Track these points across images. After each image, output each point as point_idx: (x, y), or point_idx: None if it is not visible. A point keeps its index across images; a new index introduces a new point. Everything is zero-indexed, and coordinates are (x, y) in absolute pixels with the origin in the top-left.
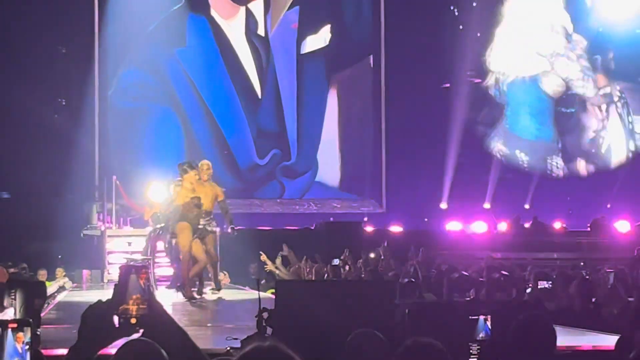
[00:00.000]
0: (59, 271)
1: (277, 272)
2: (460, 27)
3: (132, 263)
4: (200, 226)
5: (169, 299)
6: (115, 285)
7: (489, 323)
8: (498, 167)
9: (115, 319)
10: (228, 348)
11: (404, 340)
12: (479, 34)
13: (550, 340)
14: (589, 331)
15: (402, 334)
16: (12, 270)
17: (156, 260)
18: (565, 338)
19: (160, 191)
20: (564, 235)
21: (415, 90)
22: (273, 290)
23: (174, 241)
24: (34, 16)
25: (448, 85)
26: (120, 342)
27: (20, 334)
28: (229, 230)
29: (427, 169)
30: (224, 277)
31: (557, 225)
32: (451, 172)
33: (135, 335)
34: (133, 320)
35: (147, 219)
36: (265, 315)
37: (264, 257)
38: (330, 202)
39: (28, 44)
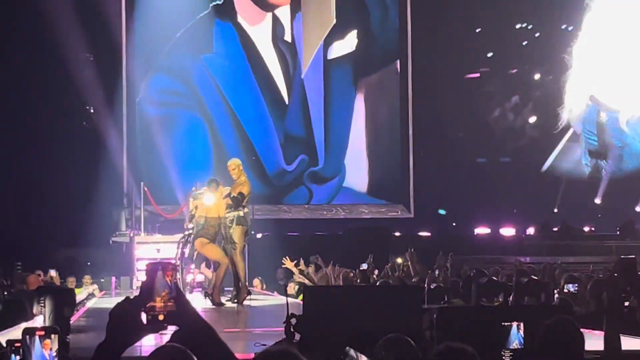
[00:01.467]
0: (87, 278)
1: (301, 278)
2: (478, 29)
3: (158, 260)
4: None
5: (198, 304)
6: (142, 282)
7: (521, 331)
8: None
9: (143, 316)
10: (255, 354)
11: (432, 345)
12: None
13: (579, 345)
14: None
15: (430, 340)
16: (42, 278)
17: (185, 266)
18: (596, 342)
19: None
20: (593, 238)
21: (442, 94)
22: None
23: (195, 253)
24: (62, 24)
25: (478, 75)
26: (150, 348)
27: (48, 341)
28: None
29: (455, 174)
30: (259, 284)
31: (586, 229)
32: (478, 176)
33: (165, 338)
34: (161, 317)
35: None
36: (293, 321)
37: (288, 263)
38: (358, 208)
39: (56, 51)
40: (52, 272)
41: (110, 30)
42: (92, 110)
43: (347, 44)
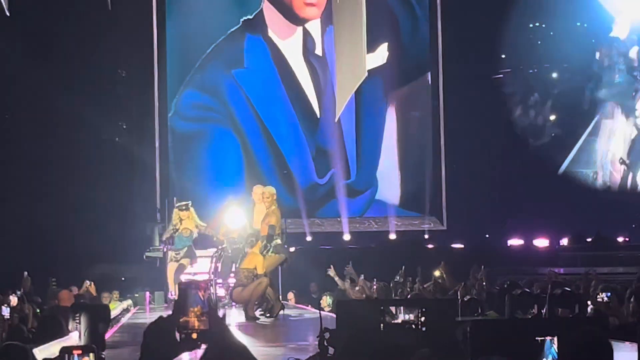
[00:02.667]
0: (115, 294)
1: (344, 287)
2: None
3: (191, 278)
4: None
5: (231, 319)
6: (176, 300)
7: (555, 345)
8: (558, 182)
9: (177, 334)
10: None
11: (466, 359)
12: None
13: (607, 357)
14: None
15: (464, 353)
16: (77, 292)
17: (219, 280)
18: (630, 354)
19: (237, 217)
20: (628, 248)
21: (473, 106)
22: None
23: (233, 265)
24: (95, 41)
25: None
26: None
27: (86, 359)
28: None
29: (487, 185)
30: (293, 297)
31: (620, 239)
32: (511, 187)
33: (198, 354)
34: (194, 336)
35: (221, 238)
36: (327, 335)
37: (332, 272)
38: (390, 220)
39: (89, 68)
40: (87, 282)
41: (142, 46)
42: (124, 126)
43: (378, 57)
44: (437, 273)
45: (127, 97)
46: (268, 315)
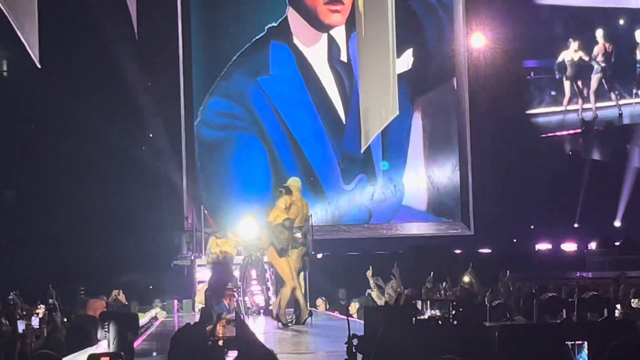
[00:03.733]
0: (134, 305)
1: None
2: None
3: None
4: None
5: (261, 326)
6: (202, 308)
7: (585, 350)
8: (586, 186)
9: (204, 341)
10: None
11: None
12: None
13: None
14: None
15: (492, 358)
16: (107, 300)
17: (248, 288)
18: None
19: (251, 227)
20: None
21: (499, 110)
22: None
23: (267, 273)
24: (122, 52)
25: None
26: None
27: None
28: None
29: (514, 190)
30: (322, 304)
31: None
32: (540, 192)
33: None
34: (221, 343)
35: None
36: (355, 341)
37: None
38: (417, 226)
39: (116, 78)
40: (116, 291)
41: (168, 55)
42: (151, 135)
43: (403, 63)
44: (465, 278)
45: (153, 106)
46: (296, 322)
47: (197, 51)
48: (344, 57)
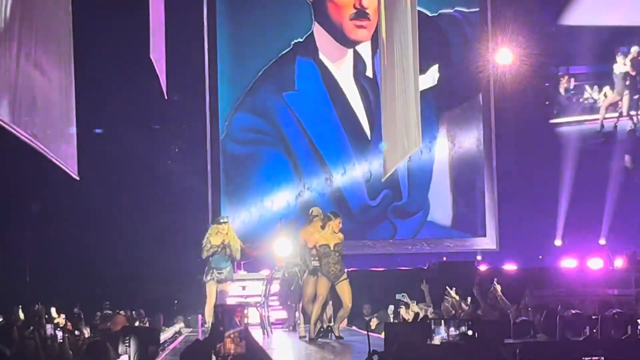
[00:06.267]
0: (158, 319)
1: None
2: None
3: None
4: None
5: (283, 340)
6: (212, 324)
7: None
8: (613, 202)
9: (213, 358)
10: None
11: None
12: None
13: None
14: None
15: None
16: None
17: (270, 303)
18: None
19: (286, 246)
20: None
21: (525, 125)
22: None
23: (292, 286)
24: (146, 65)
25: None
26: None
27: None
28: None
29: (540, 206)
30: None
31: None
32: (565, 208)
33: None
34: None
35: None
36: (375, 357)
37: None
38: (442, 242)
39: (142, 93)
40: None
41: (193, 69)
42: (176, 150)
43: (429, 79)
44: (490, 295)
45: (178, 120)
46: (322, 335)
47: (222, 66)
48: (369, 73)
